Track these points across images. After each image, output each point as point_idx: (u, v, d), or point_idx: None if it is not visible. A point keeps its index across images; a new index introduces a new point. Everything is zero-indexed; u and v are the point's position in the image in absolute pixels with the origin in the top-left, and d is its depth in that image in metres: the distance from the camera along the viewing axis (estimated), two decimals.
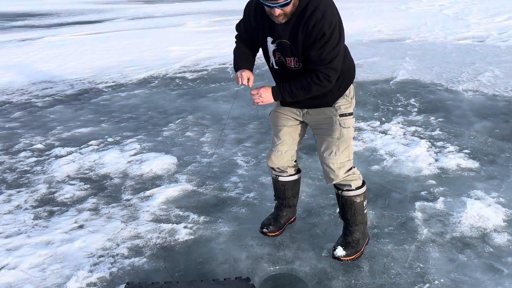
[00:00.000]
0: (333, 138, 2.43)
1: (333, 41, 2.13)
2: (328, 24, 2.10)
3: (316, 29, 2.10)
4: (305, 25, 2.13)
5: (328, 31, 2.10)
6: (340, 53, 2.19)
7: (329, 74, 2.19)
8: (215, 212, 3.02)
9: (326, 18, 2.10)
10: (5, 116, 5.15)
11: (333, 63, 2.17)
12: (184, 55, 8.29)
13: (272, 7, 2.08)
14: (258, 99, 2.29)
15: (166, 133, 4.54)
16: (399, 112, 5.04)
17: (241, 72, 2.34)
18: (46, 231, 2.81)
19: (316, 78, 2.19)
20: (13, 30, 12.17)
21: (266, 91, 2.28)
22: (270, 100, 2.30)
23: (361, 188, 2.53)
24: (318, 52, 2.14)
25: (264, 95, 2.28)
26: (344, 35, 2.25)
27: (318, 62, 2.16)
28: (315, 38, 2.12)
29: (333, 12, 2.15)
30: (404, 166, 3.68)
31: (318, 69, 2.18)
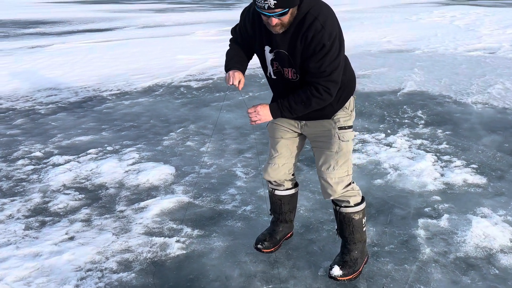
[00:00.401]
0: (331, 151, 2.33)
1: (333, 53, 2.05)
2: (328, 35, 2.02)
3: (316, 40, 2.02)
4: (304, 36, 2.05)
5: (328, 43, 2.02)
6: (340, 65, 2.11)
7: (329, 86, 2.10)
8: (210, 226, 2.93)
9: (326, 29, 2.02)
10: (7, 123, 5.14)
11: (333, 75, 2.09)
12: (190, 64, 8.27)
13: (269, 16, 2.01)
14: (255, 117, 2.20)
15: (166, 142, 4.47)
16: (406, 124, 4.92)
17: (233, 72, 2.24)
18: (36, 242, 2.74)
19: (316, 91, 2.11)
20: (24, 37, 12.31)
21: (264, 108, 2.20)
22: (268, 118, 2.21)
23: (360, 205, 2.42)
24: (318, 64, 2.06)
25: (262, 112, 2.19)
26: (344, 46, 2.17)
27: (317, 74, 2.08)
28: (314, 50, 2.04)
29: (333, 23, 2.07)
30: (408, 180, 3.56)
31: (318, 82, 2.10)
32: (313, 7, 2.05)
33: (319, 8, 2.06)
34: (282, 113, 2.20)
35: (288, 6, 1.96)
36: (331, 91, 2.13)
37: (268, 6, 1.94)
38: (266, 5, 1.94)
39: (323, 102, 2.16)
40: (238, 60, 2.31)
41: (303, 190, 3.39)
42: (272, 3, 1.93)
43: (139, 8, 22.79)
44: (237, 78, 2.23)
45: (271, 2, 1.93)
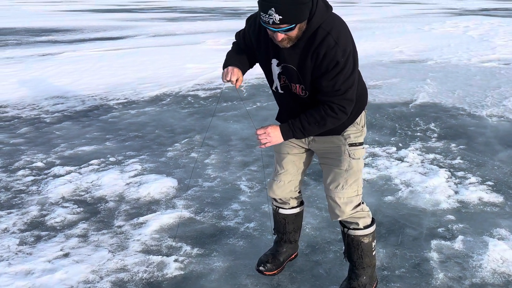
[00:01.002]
0: (340, 169, 2.19)
1: (347, 70, 1.91)
2: (341, 51, 1.88)
3: (328, 57, 1.88)
4: (315, 52, 1.90)
5: (342, 59, 1.88)
6: (355, 82, 1.97)
7: (345, 105, 1.97)
8: (210, 244, 2.80)
9: (340, 45, 1.88)
10: (12, 131, 5.08)
11: (348, 93, 1.95)
12: (199, 73, 8.20)
13: (274, 31, 1.88)
14: (265, 140, 2.04)
15: (170, 153, 4.36)
16: (418, 138, 4.75)
17: (232, 68, 2.08)
18: (29, 258, 2.63)
19: (331, 110, 1.97)
20: (36, 45, 12.39)
21: (274, 130, 2.04)
22: (279, 140, 2.05)
23: (369, 227, 2.27)
24: (331, 82, 1.92)
25: (273, 134, 2.03)
26: (358, 60, 2.03)
27: (331, 93, 1.94)
28: (327, 67, 1.90)
29: (347, 38, 1.93)
30: (421, 198, 3.39)
31: (332, 101, 1.95)
32: (325, 21, 1.91)
33: (332, 22, 1.92)
34: (294, 134, 2.05)
35: (295, 22, 1.82)
36: (347, 110, 1.99)
37: (273, 22, 1.80)
38: (271, 20, 1.80)
39: (338, 121, 2.02)
40: (238, 59, 2.16)
41: (309, 207, 3.25)
42: (277, 19, 1.78)
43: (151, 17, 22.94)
44: (235, 74, 2.07)
45: (276, 18, 1.78)
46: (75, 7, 32.10)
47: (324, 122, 2.00)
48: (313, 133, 2.06)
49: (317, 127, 2.02)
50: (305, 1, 1.80)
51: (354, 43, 1.99)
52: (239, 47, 2.23)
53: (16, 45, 12.40)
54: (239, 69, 2.11)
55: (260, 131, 2.04)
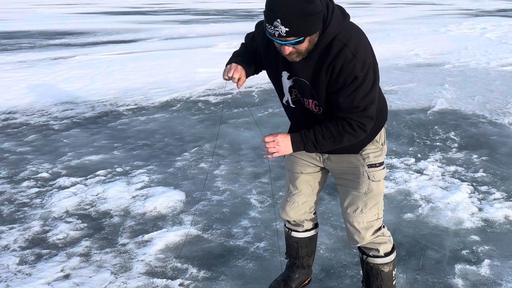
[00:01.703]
0: (359, 192, 2.01)
1: (367, 85, 1.73)
2: (360, 65, 1.70)
3: (346, 71, 1.70)
4: (331, 66, 1.72)
5: (361, 74, 1.70)
6: (375, 98, 1.80)
7: (364, 122, 1.79)
8: (218, 266, 2.64)
9: (358, 57, 1.70)
10: (19, 139, 5.01)
11: (369, 110, 1.77)
12: (210, 77, 8.06)
13: (281, 44, 1.71)
14: (273, 149, 1.85)
15: (179, 163, 4.22)
16: (437, 148, 4.53)
17: (236, 65, 1.91)
18: (28, 280, 2.51)
19: (349, 126, 1.79)
20: (49, 49, 12.42)
21: (284, 139, 1.85)
22: (289, 151, 1.87)
23: (390, 255, 2.09)
24: (349, 98, 1.74)
25: (282, 143, 1.84)
26: (379, 73, 1.85)
27: (349, 110, 1.76)
28: (344, 83, 1.72)
29: (366, 49, 1.74)
30: (443, 215, 3.19)
31: (350, 117, 1.78)
32: (341, 31, 1.72)
33: (349, 33, 1.74)
34: (305, 147, 1.86)
35: (304, 35, 1.64)
36: (366, 128, 1.81)
37: (279, 34, 1.63)
38: (277, 33, 1.63)
39: (355, 139, 1.84)
40: (244, 60, 1.98)
41: (323, 225, 3.07)
42: (283, 31, 1.61)
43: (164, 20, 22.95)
44: (238, 72, 1.90)
45: (282, 30, 1.61)
46: (90, 9, 32.35)
47: (340, 139, 1.82)
48: (326, 148, 1.88)
49: (332, 143, 1.84)
50: (315, 12, 1.62)
51: (374, 55, 1.82)
52: (247, 49, 2.05)
53: (29, 49, 12.44)
54: (243, 68, 1.94)
55: (268, 139, 1.85)
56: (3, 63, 9.87)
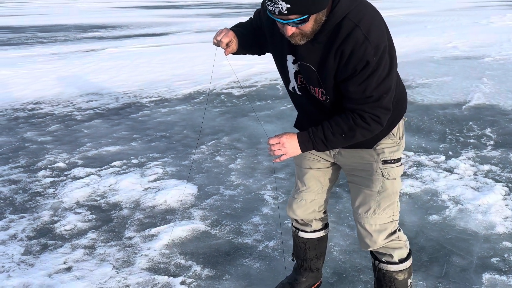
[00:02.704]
0: (372, 191, 1.82)
1: (382, 72, 1.53)
2: (373, 48, 1.49)
3: (356, 56, 1.50)
4: (340, 50, 1.53)
5: (373, 59, 1.50)
6: (392, 87, 1.58)
7: (379, 114, 1.58)
8: (224, 264, 2.50)
9: (371, 40, 1.49)
10: (42, 129, 5.05)
11: (383, 100, 1.57)
12: (235, 70, 7.93)
13: (283, 24, 1.52)
14: (279, 151, 1.67)
15: (195, 156, 4.11)
16: (471, 145, 4.22)
17: (228, 30, 1.74)
18: (30, 271, 2.46)
19: (361, 119, 1.59)
20: (82, 41, 12.66)
21: (291, 139, 1.67)
22: (297, 152, 1.69)
23: (405, 261, 1.89)
24: (361, 87, 1.54)
25: (288, 145, 1.67)
26: (396, 59, 1.63)
27: (361, 100, 1.56)
28: (354, 69, 1.52)
29: (380, 32, 1.53)
30: (472, 218, 2.92)
31: (363, 109, 1.58)
32: (353, 9, 1.52)
33: (361, 12, 1.53)
34: (314, 146, 1.68)
35: (308, 12, 1.45)
36: (381, 120, 1.60)
37: (279, 11, 1.44)
38: (277, 10, 1.44)
39: (369, 133, 1.64)
40: (243, 32, 1.80)
41: (340, 224, 2.88)
42: (284, 7, 1.42)
43: (196, 13, 23.04)
44: (229, 37, 1.72)
45: (283, 6, 1.42)
46: (125, 3, 32.97)
47: (352, 134, 1.62)
48: (338, 145, 1.70)
49: (343, 139, 1.65)
50: None
51: (390, 37, 1.60)
52: (251, 25, 1.86)
53: (64, 41, 12.73)
54: (236, 37, 1.76)
55: (273, 141, 1.67)
56: (36, 55, 10.11)
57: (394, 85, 1.63)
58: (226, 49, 1.75)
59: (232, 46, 1.75)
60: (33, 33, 14.90)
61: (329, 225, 2.79)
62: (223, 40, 1.72)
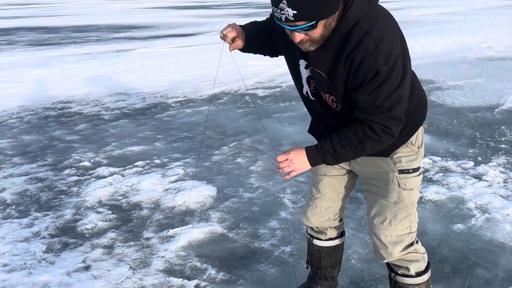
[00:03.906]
0: (388, 201, 1.76)
1: (393, 82, 1.47)
2: (384, 57, 1.44)
3: (367, 64, 1.45)
4: (350, 58, 1.48)
5: (384, 68, 1.44)
6: (404, 97, 1.52)
7: (389, 125, 1.53)
8: (239, 268, 2.49)
9: (382, 49, 1.44)
10: (70, 128, 5.18)
11: (395, 111, 1.51)
12: (261, 70, 7.92)
13: (291, 31, 1.48)
14: (288, 168, 1.63)
15: (216, 157, 4.12)
16: (502, 151, 4.04)
17: (235, 26, 1.71)
18: (49, 269, 2.52)
19: (371, 131, 1.54)
20: (113, 41, 12.95)
21: (299, 155, 1.62)
22: (306, 167, 1.64)
23: (423, 275, 1.82)
24: (370, 96, 1.49)
25: (297, 161, 1.62)
26: (411, 67, 1.56)
27: (371, 110, 1.51)
28: (364, 78, 1.47)
29: (393, 40, 1.47)
30: (499, 228, 2.79)
31: (372, 119, 1.53)
32: (365, 15, 1.47)
33: (373, 18, 1.47)
34: (324, 160, 1.63)
35: (316, 18, 1.40)
36: (392, 132, 1.55)
37: (286, 18, 1.40)
38: (283, 16, 1.41)
39: (380, 145, 1.59)
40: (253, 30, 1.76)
41: (359, 231, 2.81)
42: (290, 14, 1.38)
43: (226, 13, 23.16)
44: (234, 33, 1.69)
45: (290, 13, 1.38)
46: (156, 4, 33.53)
47: (362, 146, 1.58)
48: (348, 158, 1.65)
49: (353, 152, 1.60)
50: None
51: (405, 45, 1.54)
52: (266, 25, 1.81)
53: (96, 42, 13.05)
54: (243, 33, 1.73)
55: (281, 158, 1.64)
56: (69, 55, 10.41)
57: (407, 94, 1.57)
58: (230, 45, 1.72)
59: (238, 42, 1.73)
60: (68, 33, 15.36)
61: (348, 232, 2.76)
62: (229, 35, 1.70)
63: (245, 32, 1.75)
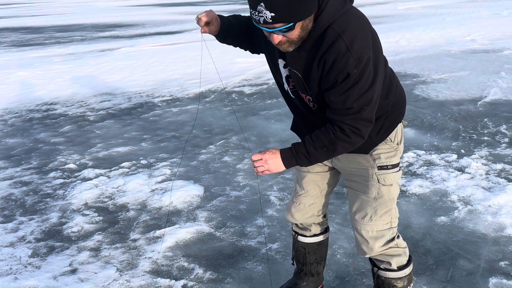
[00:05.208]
0: (368, 197, 1.79)
1: (364, 84, 1.50)
2: (355, 60, 1.46)
3: (337, 67, 1.48)
4: (322, 60, 1.51)
5: (355, 71, 1.47)
6: (374, 99, 1.55)
7: (359, 127, 1.56)
8: (226, 267, 2.50)
9: (353, 52, 1.46)
10: (55, 129, 5.14)
11: (364, 112, 1.54)
12: (248, 68, 7.91)
13: (269, 32, 1.50)
14: (262, 168, 1.67)
15: (203, 156, 4.12)
16: (484, 143, 4.11)
17: (211, 12, 1.74)
18: (36, 273, 2.51)
19: (341, 132, 1.57)
20: (98, 41, 12.82)
21: (273, 156, 1.66)
22: (280, 168, 1.68)
23: (405, 269, 1.85)
24: (341, 98, 1.52)
25: (272, 161, 1.66)
26: (383, 69, 1.59)
27: (342, 111, 1.54)
28: (335, 80, 1.50)
29: (364, 43, 1.49)
30: (481, 220, 2.85)
31: (343, 120, 1.56)
32: (338, 18, 1.49)
33: (346, 21, 1.50)
34: (298, 162, 1.67)
35: (293, 20, 1.42)
36: (362, 133, 1.58)
37: (264, 20, 1.43)
38: (261, 19, 1.43)
39: (351, 146, 1.62)
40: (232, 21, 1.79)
41: (345, 227, 2.84)
42: (268, 16, 1.41)
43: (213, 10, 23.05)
44: (209, 17, 1.70)
45: (267, 15, 1.40)
46: (142, 2, 33.23)
47: (333, 148, 1.61)
48: (321, 159, 1.68)
49: (325, 153, 1.63)
50: None
51: (378, 48, 1.56)
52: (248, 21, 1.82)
53: (80, 41, 12.91)
54: (218, 20, 1.75)
55: (256, 157, 1.68)
56: (53, 55, 10.29)
57: (378, 96, 1.59)
58: (203, 27, 1.73)
59: (211, 27, 1.74)
60: (51, 33, 15.17)
61: (334, 227, 2.79)
62: (202, 19, 1.71)
63: (221, 21, 1.77)
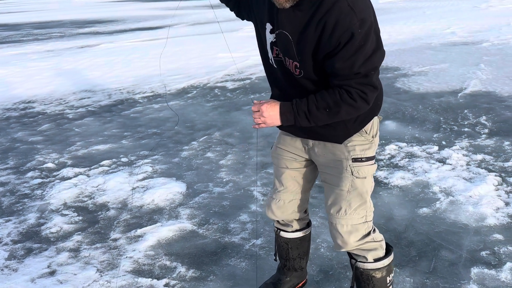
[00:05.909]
0: (341, 190, 1.77)
1: (369, 48, 1.46)
2: (359, 20, 1.42)
3: (341, 27, 1.43)
4: (323, 21, 1.46)
5: (359, 31, 1.43)
6: (377, 67, 1.52)
7: (366, 91, 1.52)
8: (209, 264, 2.47)
9: (357, 11, 1.43)
10: (33, 128, 5.01)
11: (372, 77, 1.50)
12: (230, 62, 7.85)
13: None
14: (258, 119, 1.63)
15: (185, 153, 4.07)
16: (465, 134, 4.15)
17: None
18: (13, 276, 2.43)
19: (348, 95, 1.52)
20: (77, 37, 12.58)
21: (271, 108, 1.60)
22: (276, 122, 1.62)
23: (383, 259, 1.84)
24: (347, 63, 1.46)
25: (267, 113, 1.60)
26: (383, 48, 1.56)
27: (349, 76, 1.49)
28: (338, 41, 1.44)
29: (366, 6, 1.47)
30: (462, 210, 2.87)
31: (350, 84, 1.50)
32: None
33: None
34: (296, 119, 1.59)
35: None
36: (368, 97, 1.53)
37: None
38: None
39: (355, 111, 1.57)
40: None
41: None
42: None
43: (194, 5, 22.83)
44: None
45: None
46: None
47: (337, 109, 1.55)
48: (320, 121, 1.60)
49: (327, 115, 1.57)
50: None
51: (375, 18, 1.53)
52: None
53: (59, 38, 12.66)
54: None
55: (255, 108, 1.63)
56: (31, 52, 10.06)
57: (379, 67, 1.56)
58: None
59: None
60: (29, 30, 14.83)
61: (317, 221, 2.78)
62: None
63: None
